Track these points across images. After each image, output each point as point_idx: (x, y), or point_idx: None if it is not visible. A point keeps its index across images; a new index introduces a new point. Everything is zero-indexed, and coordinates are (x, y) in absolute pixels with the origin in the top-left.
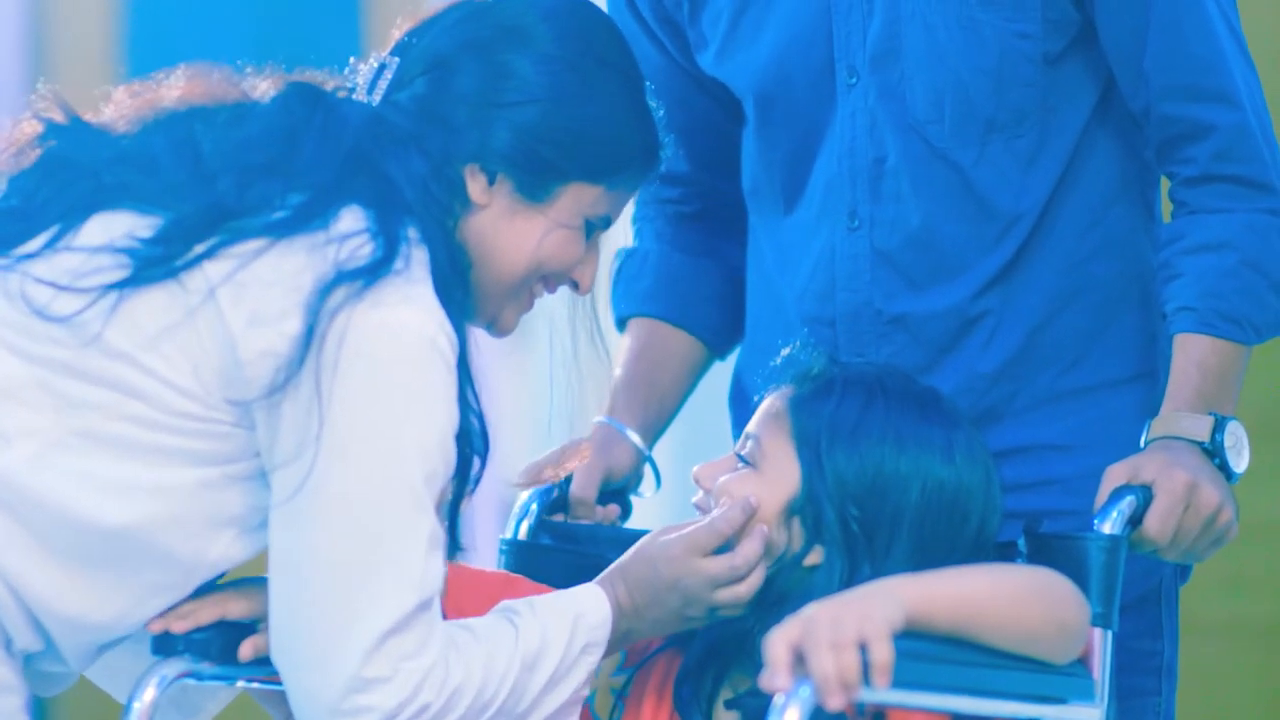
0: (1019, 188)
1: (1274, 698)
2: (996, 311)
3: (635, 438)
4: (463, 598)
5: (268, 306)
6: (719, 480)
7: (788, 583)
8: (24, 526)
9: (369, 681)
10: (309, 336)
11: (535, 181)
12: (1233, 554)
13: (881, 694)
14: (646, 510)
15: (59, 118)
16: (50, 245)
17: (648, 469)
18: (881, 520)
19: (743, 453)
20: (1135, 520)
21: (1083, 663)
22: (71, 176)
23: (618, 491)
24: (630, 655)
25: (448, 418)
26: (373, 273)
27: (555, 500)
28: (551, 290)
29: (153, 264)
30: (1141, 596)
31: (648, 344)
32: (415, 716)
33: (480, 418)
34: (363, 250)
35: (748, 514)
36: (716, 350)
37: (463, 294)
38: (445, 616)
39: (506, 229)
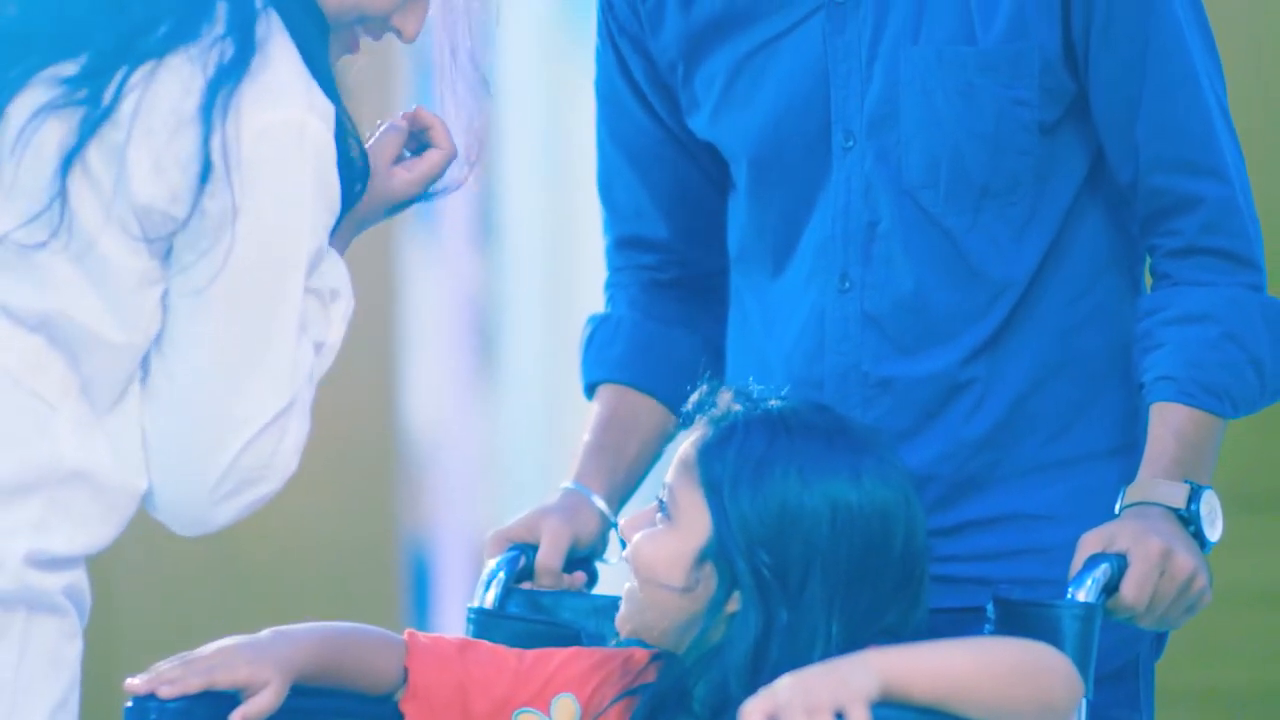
0: (1010, 256)
1: None
2: (983, 379)
3: (601, 504)
4: (427, 672)
5: (162, 138)
6: (634, 539)
7: (714, 632)
8: None
9: (248, 471)
10: (205, 147)
11: None
12: (1204, 622)
13: None
14: (613, 576)
15: None
16: None
17: (614, 535)
18: (793, 560)
19: (663, 501)
20: (1110, 588)
21: None
22: None
23: (584, 558)
24: (585, 712)
25: (330, 202)
26: (235, 74)
27: (522, 568)
28: (376, 37)
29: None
30: (1120, 668)
31: (616, 411)
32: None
33: (358, 140)
34: (227, 52)
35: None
36: (686, 420)
37: (321, 41)
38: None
39: None
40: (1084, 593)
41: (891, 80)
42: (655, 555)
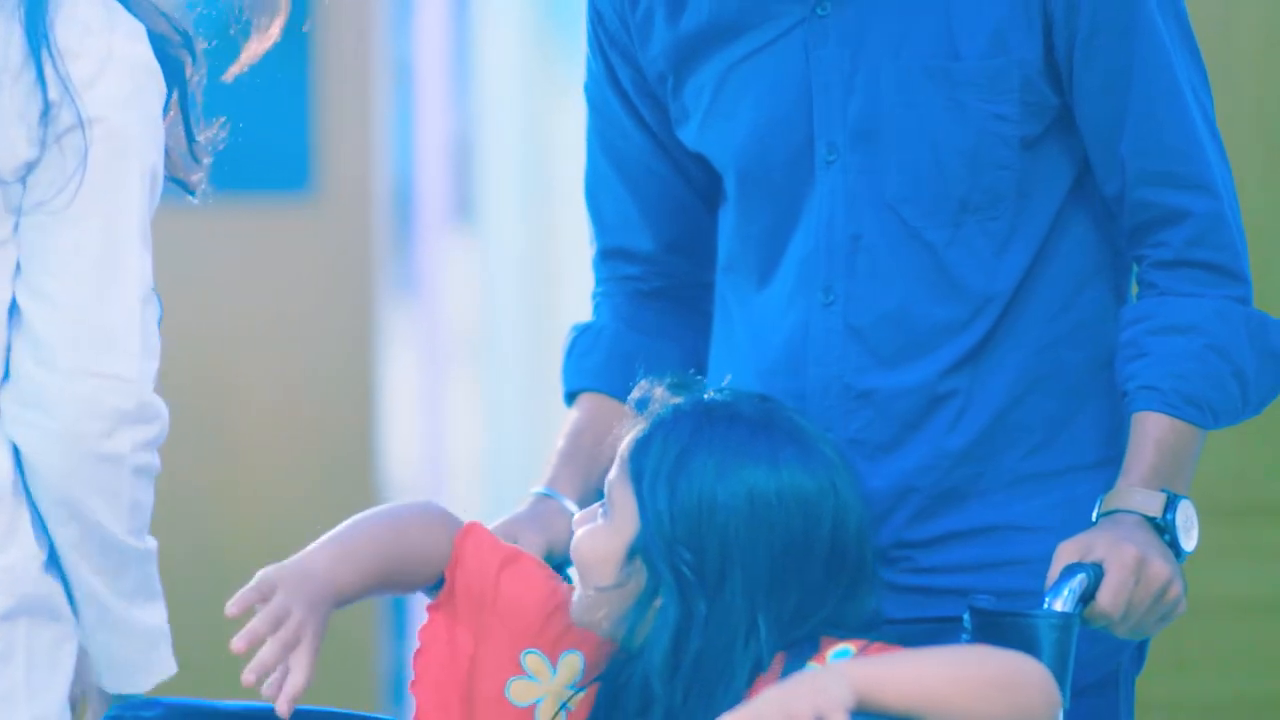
0: (992, 269)
1: None
2: (965, 391)
3: (574, 510)
4: (462, 582)
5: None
6: (575, 534)
7: (642, 627)
8: None
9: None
10: (42, 86)
11: None
12: (1180, 632)
13: None
14: None
15: None
16: None
17: None
18: (710, 553)
19: (605, 502)
20: (1086, 597)
21: None
22: None
23: (557, 566)
24: (585, 677)
25: (153, 113)
26: (42, 13)
27: None
28: None
29: None
30: (1100, 680)
31: (593, 419)
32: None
33: (178, 30)
34: None
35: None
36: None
37: None
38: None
39: None
40: (1061, 602)
41: (873, 94)
42: (591, 551)
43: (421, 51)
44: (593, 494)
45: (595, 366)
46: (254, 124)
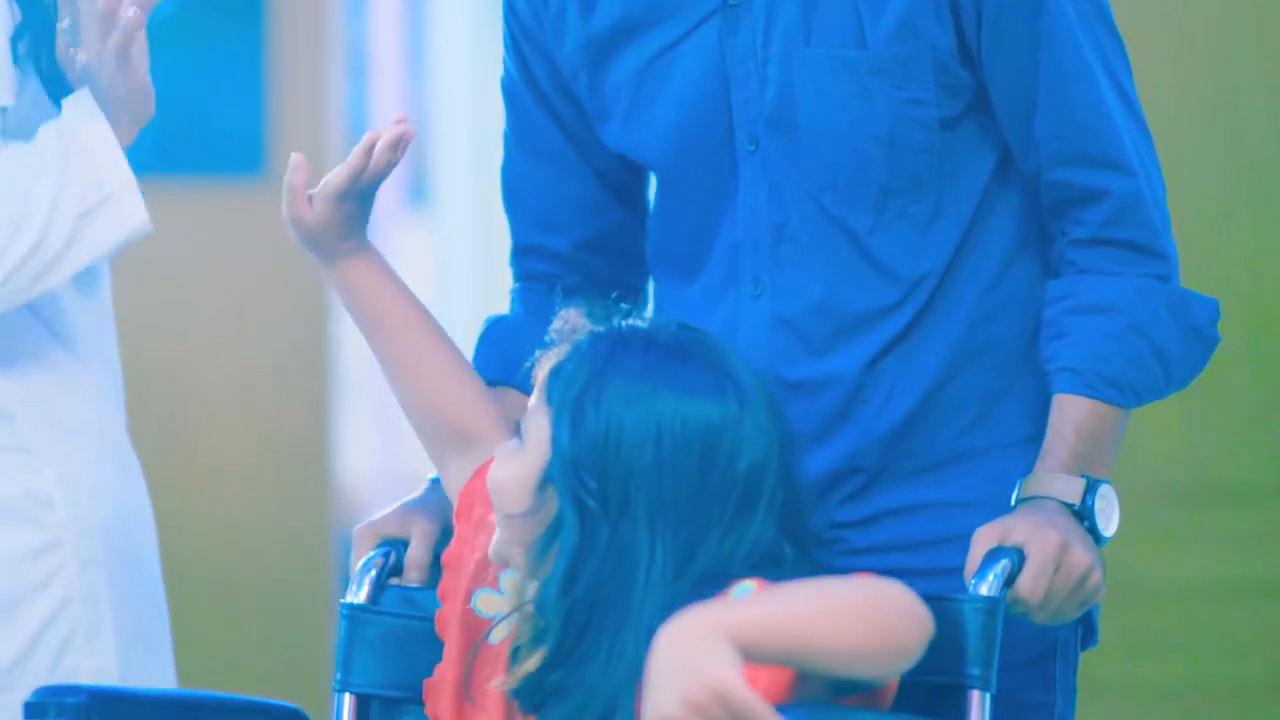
0: (917, 252)
1: None
2: (894, 371)
3: None
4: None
5: None
6: (488, 473)
7: (550, 555)
8: None
9: None
10: None
11: None
12: (1133, 615)
13: None
14: None
15: None
16: None
17: None
18: (614, 480)
19: (521, 433)
20: (1009, 582)
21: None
22: None
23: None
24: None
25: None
26: None
27: (394, 564)
28: None
29: None
30: (1039, 652)
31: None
32: None
33: None
34: None
35: None
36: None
37: None
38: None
39: None
40: (986, 586)
41: (786, 83)
42: (503, 480)
43: (375, 34)
44: None
45: (501, 358)
46: (207, 106)
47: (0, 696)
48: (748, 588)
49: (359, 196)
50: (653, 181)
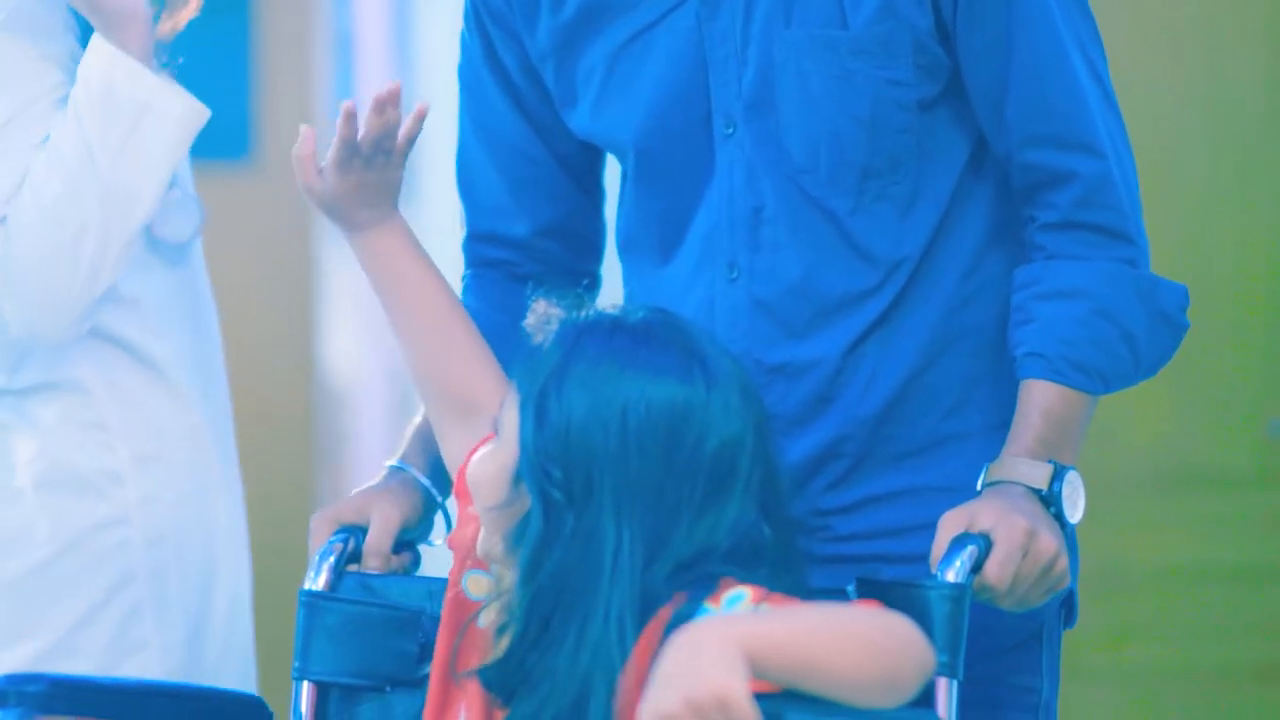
0: (896, 235)
1: None
2: (875, 356)
3: (427, 484)
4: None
5: None
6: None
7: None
8: None
9: None
10: None
11: None
12: (1118, 601)
13: None
14: (437, 558)
15: None
16: None
17: (440, 517)
18: (578, 467)
19: (497, 426)
20: (975, 568)
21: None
22: None
23: (409, 541)
24: None
25: None
26: None
27: (352, 551)
28: None
29: None
30: (1024, 638)
31: None
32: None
33: None
34: None
35: None
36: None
37: None
38: None
39: None
40: (954, 573)
41: (766, 65)
42: (480, 475)
43: (362, 20)
44: (447, 470)
45: None
46: (194, 91)
47: (61, 661)
48: (742, 594)
49: (371, 166)
50: (617, 167)
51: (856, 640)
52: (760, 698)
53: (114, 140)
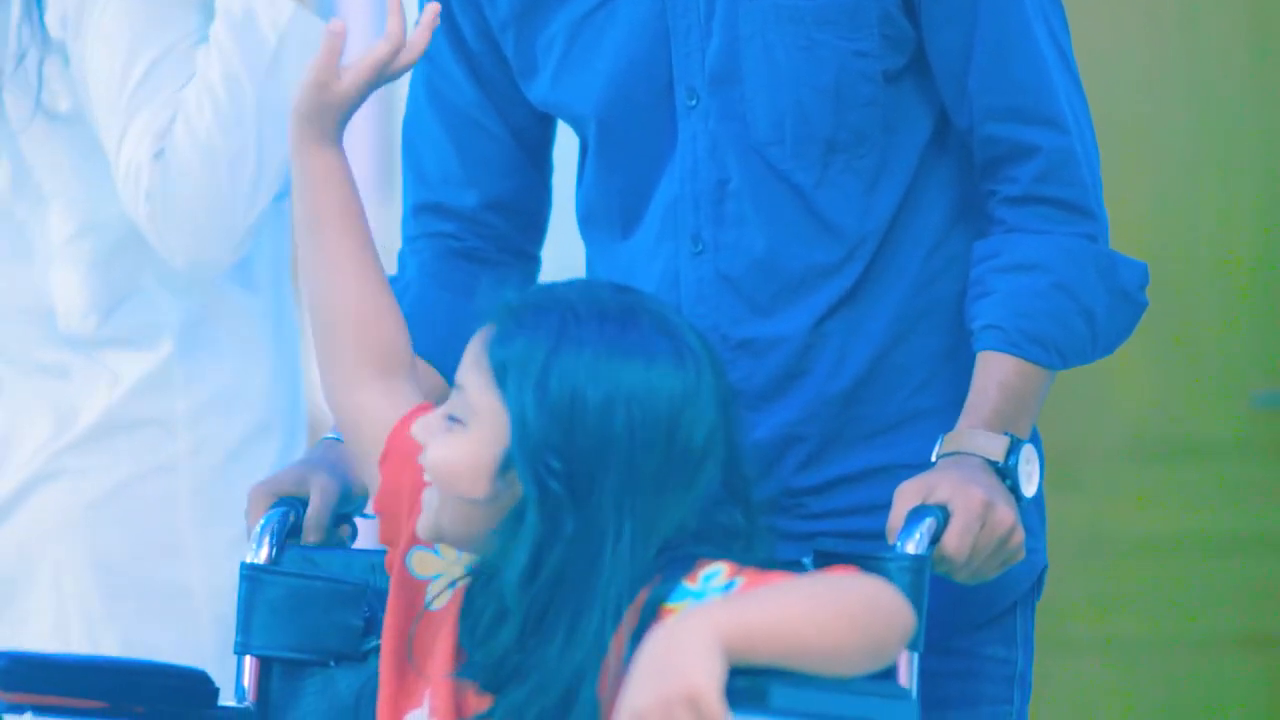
0: (862, 209)
1: (1142, 714)
2: (842, 333)
3: None
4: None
5: None
6: (429, 446)
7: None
8: None
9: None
10: None
11: None
12: (1102, 571)
13: None
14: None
15: None
16: None
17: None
18: (580, 459)
19: (453, 411)
20: (934, 539)
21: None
22: None
23: (345, 513)
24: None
25: None
26: None
27: (294, 524)
28: None
29: None
30: (1000, 611)
31: None
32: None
33: None
34: None
35: None
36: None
37: None
38: None
39: None
40: (913, 545)
41: (731, 36)
42: (456, 464)
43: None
44: None
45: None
46: None
47: (115, 604)
48: (717, 570)
49: (377, 85)
50: (572, 143)
51: (838, 616)
52: (743, 672)
53: (260, 66)
